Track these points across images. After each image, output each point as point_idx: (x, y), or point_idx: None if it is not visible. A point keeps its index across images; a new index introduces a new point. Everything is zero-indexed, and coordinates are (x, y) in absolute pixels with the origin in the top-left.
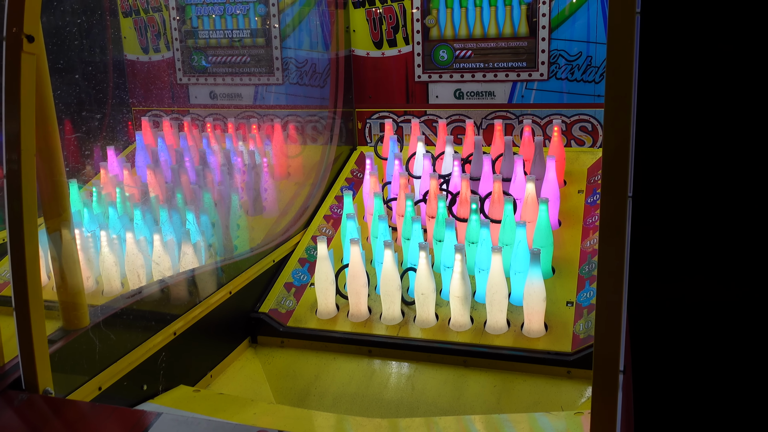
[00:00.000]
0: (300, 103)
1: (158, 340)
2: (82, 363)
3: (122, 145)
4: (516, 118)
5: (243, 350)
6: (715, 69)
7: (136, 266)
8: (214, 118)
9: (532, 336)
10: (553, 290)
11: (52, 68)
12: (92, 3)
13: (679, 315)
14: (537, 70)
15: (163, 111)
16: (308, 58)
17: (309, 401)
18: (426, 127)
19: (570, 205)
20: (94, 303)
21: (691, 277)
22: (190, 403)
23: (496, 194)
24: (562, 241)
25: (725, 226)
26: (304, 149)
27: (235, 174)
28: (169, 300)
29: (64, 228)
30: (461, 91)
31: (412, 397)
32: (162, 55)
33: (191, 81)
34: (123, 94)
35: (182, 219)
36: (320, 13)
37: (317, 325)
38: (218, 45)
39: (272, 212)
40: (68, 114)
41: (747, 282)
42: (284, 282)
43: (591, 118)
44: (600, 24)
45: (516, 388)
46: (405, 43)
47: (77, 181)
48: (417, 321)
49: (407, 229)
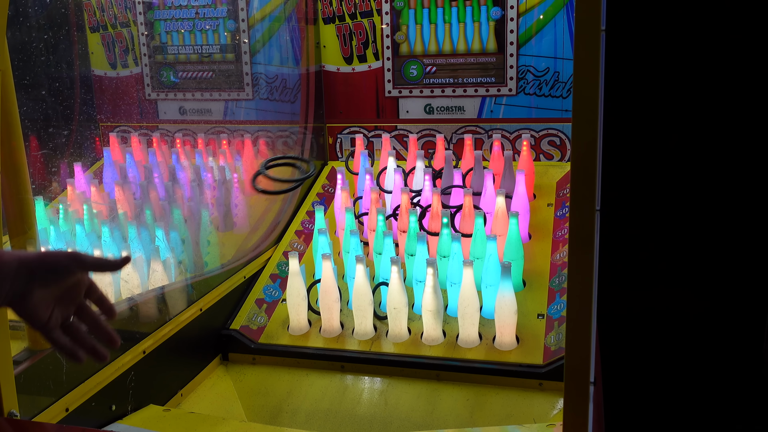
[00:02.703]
0: (270, 119)
1: (127, 359)
2: (48, 384)
3: (90, 161)
4: (485, 133)
5: (214, 368)
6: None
7: (104, 284)
8: (184, 133)
9: (503, 349)
10: (524, 303)
11: (18, 84)
12: (59, 18)
13: (648, 325)
14: (506, 85)
15: (131, 127)
16: (278, 73)
17: (281, 418)
18: (397, 141)
19: (540, 218)
20: None
21: (660, 287)
22: (161, 422)
23: (466, 208)
24: (533, 254)
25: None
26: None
27: (205, 190)
28: (138, 318)
29: (30, 246)
30: (431, 106)
31: (386, 412)
32: (130, 71)
33: (160, 96)
34: (90, 110)
35: (151, 236)
36: (290, 28)
37: (289, 342)
38: (188, 60)
39: (243, 228)
40: (34, 130)
41: (715, 292)
42: (255, 298)
43: (559, 133)
44: (567, 40)
45: (489, 401)
46: (375, 58)
47: (43, 198)
48: (389, 336)
49: (379, 244)
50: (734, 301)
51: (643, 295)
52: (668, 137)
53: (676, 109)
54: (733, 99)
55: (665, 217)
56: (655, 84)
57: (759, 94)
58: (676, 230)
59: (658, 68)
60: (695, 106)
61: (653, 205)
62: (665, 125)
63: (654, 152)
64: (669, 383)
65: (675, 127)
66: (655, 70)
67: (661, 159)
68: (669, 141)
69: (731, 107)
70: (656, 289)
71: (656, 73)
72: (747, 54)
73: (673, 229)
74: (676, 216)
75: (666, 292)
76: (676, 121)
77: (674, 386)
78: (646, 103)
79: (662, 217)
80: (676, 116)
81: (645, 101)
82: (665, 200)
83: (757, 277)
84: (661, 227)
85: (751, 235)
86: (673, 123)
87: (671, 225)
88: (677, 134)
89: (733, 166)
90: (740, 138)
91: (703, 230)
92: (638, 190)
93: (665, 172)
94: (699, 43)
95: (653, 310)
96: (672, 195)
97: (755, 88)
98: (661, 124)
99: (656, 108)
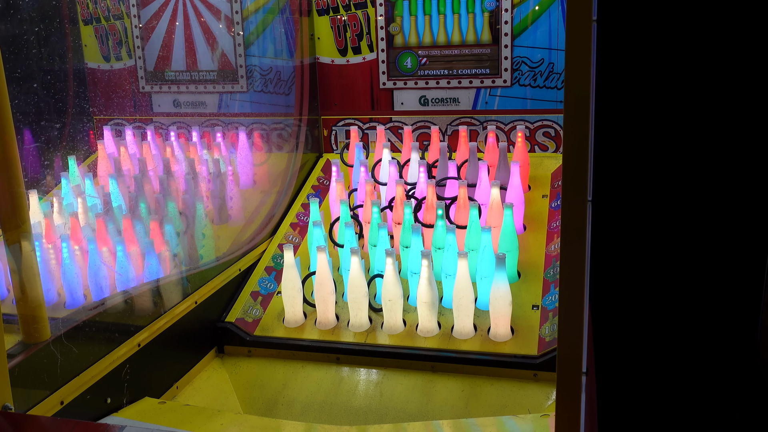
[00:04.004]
0: (265, 111)
1: (122, 352)
2: (43, 377)
3: (84, 154)
4: (480, 124)
5: (209, 360)
6: (672, 76)
7: (99, 277)
8: (178, 126)
9: (498, 340)
10: (519, 294)
11: (10, 77)
12: (51, 11)
13: (641, 316)
14: (500, 76)
15: (125, 120)
16: (273, 65)
17: (277, 410)
18: (392, 133)
19: (534, 209)
20: (55, 316)
21: (653, 278)
22: (156, 415)
23: (461, 200)
24: (527, 246)
25: (685, 228)
26: (269, 157)
27: (200, 183)
28: (133, 311)
29: (24, 240)
30: (426, 97)
31: (381, 403)
32: (124, 63)
33: (154, 89)
34: (84, 103)
35: (146, 229)
36: (284, 20)
37: (284, 334)
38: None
39: (238, 221)
40: (27, 124)
41: (709, 282)
42: (251, 291)
43: (554, 124)
44: (561, 31)
45: (483, 392)
46: (369, 50)
47: (37, 191)
48: (385, 327)
49: (374, 236)
50: (728, 292)
51: (636, 286)
52: (661, 129)
53: (668, 100)
54: (728, 91)
55: (657, 208)
56: (647, 75)
57: (753, 86)
58: (669, 221)
59: (649, 59)
60: (688, 98)
61: (645, 196)
62: (658, 117)
63: (646, 144)
64: (662, 374)
65: (668, 119)
66: (647, 61)
67: (654, 150)
68: (662, 132)
69: (726, 99)
70: (649, 280)
71: (648, 64)
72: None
73: (666, 221)
74: (668, 207)
75: (659, 283)
76: (669, 112)
77: (667, 376)
78: (639, 94)
79: (654, 209)
80: (669, 108)
81: (637, 92)
82: (657, 191)
83: (751, 268)
84: (654, 218)
85: (744, 227)
86: (666, 114)
87: (664, 216)
88: (670, 126)
89: (726, 158)
90: (735, 131)
91: (696, 222)
92: (630, 181)
93: (657, 163)
94: (691, 34)
95: (646, 301)
96: (664, 186)
97: (750, 79)
98: (654, 115)
99: (649, 99)
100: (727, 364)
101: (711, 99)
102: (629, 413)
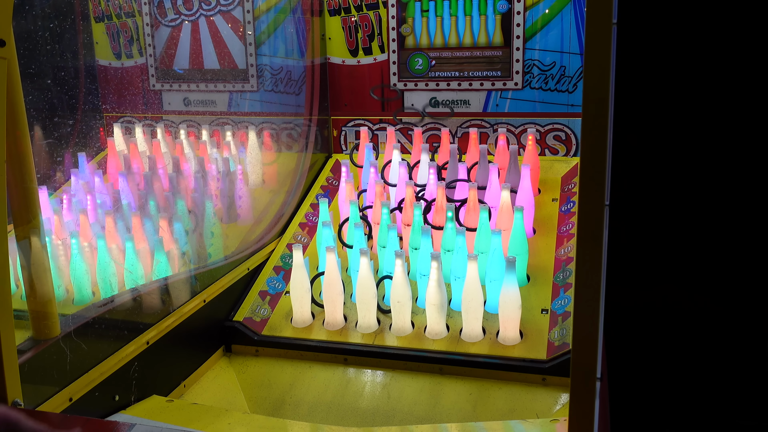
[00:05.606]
0: (275, 111)
1: (131, 349)
2: (52, 373)
3: (94, 151)
4: (491, 127)
5: (217, 359)
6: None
7: (108, 275)
8: (188, 124)
9: (507, 343)
10: (528, 298)
11: (24, 73)
12: (64, 8)
13: (654, 322)
14: (511, 79)
15: (135, 117)
16: (283, 65)
17: (284, 410)
18: (401, 135)
19: (544, 213)
20: (65, 312)
21: (667, 284)
22: (163, 413)
23: (471, 202)
24: (537, 249)
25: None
26: (279, 156)
27: (209, 181)
28: (141, 309)
29: (34, 236)
30: (437, 99)
31: (388, 405)
32: (135, 61)
33: (164, 87)
34: (95, 100)
35: (155, 226)
36: (296, 20)
37: (292, 334)
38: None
39: (247, 220)
40: (39, 120)
41: (721, 290)
42: (259, 290)
43: (564, 127)
44: (573, 34)
45: (492, 396)
46: (380, 51)
47: (48, 187)
48: (393, 329)
49: (383, 237)
50: (740, 299)
51: (649, 292)
52: (680, 134)
53: (688, 104)
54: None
55: (674, 213)
56: (667, 78)
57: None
58: (685, 227)
59: (669, 62)
60: (708, 102)
61: (662, 201)
62: (677, 121)
63: (664, 148)
64: (674, 379)
65: (687, 124)
66: (667, 64)
67: (672, 155)
68: (681, 139)
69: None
70: (663, 285)
71: (668, 67)
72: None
73: (682, 226)
74: (685, 213)
75: (672, 289)
76: (688, 117)
77: (679, 381)
78: (658, 98)
79: (671, 214)
80: (688, 112)
81: (656, 96)
82: (675, 197)
83: (763, 275)
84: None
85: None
86: (685, 119)
87: (680, 222)
88: (689, 131)
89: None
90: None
91: (712, 228)
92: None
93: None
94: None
95: (660, 307)
96: (682, 192)
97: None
98: (673, 119)
99: (668, 103)
100: (740, 370)
101: (730, 104)
102: (641, 418)
